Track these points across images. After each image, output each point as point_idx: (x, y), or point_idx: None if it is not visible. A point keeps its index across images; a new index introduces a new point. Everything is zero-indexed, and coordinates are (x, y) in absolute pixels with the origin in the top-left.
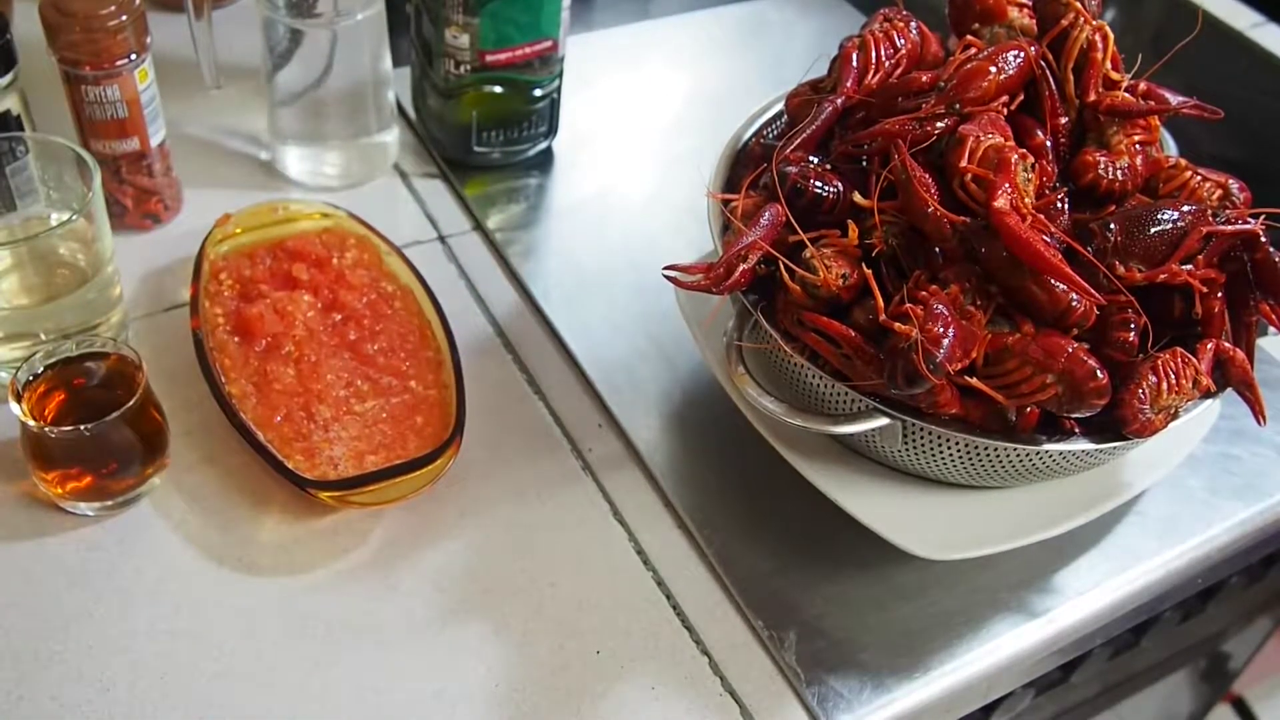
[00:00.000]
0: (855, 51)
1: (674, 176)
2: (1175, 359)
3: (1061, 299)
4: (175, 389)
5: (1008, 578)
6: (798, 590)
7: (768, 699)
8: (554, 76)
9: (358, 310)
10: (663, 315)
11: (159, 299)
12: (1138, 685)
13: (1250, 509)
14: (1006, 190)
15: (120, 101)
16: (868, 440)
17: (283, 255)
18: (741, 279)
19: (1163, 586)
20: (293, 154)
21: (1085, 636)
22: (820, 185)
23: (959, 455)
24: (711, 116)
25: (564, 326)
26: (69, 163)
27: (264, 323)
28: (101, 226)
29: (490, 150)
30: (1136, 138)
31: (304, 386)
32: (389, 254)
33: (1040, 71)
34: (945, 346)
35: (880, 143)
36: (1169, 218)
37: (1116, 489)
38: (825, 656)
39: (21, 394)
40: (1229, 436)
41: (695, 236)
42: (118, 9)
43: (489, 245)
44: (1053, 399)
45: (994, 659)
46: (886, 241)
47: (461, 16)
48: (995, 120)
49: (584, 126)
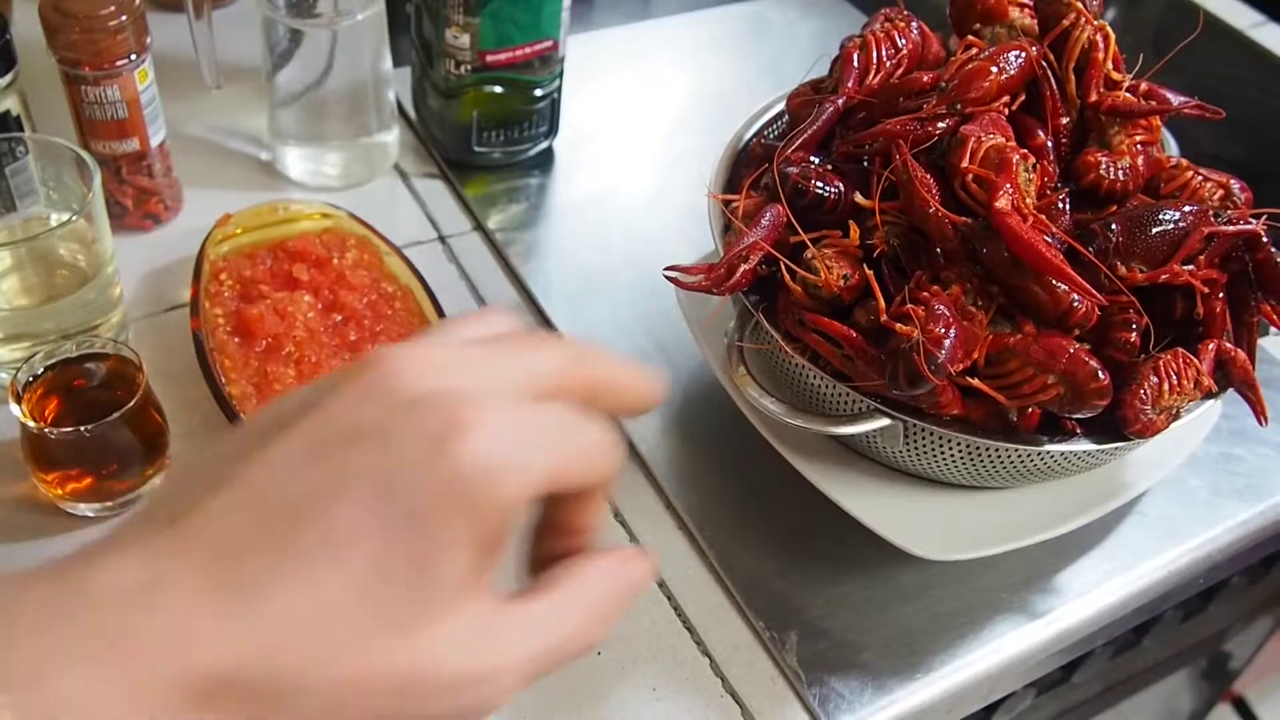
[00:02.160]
0: (856, 51)
1: (675, 176)
2: (1177, 359)
3: (1063, 299)
4: (175, 390)
5: (1009, 578)
6: (799, 591)
7: (769, 700)
8: (554, 76)
9: (358, 311)
10: (663, 315)
11: (159, 300)
12: (1139, 685)
13: (1251, 509)
14: (1008, 190)
15: (120, 102)
16: (869, 441)
17: (283, 256)
18: (742, 279)
19: (1164, 586)
20: (293, 154)
21: (1087, 636)
22: (821, 185)
23: (960, 456)
24: (712, 116)
25: (565, 326)
26: (69, 163)
27: (264, 323)
28: (101, 227)
29: (491, 150)
30: (1138, 138)
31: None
32: (389, 254)
33: (1041, 71)
34: (947, 347)
35: (881, 143)
36: (1170, 218)
37: (1118, 489)
38: (826, 657)
39: (21, 395)
40: (1230, 437)
41: (696, 237)
42: (117, 9)
43: (489, 245)
44: (1054, 399)
45: (995, 659)
46: (888, 242)
47: (462, 16)
48: (996, 120)
49: (585, 126)
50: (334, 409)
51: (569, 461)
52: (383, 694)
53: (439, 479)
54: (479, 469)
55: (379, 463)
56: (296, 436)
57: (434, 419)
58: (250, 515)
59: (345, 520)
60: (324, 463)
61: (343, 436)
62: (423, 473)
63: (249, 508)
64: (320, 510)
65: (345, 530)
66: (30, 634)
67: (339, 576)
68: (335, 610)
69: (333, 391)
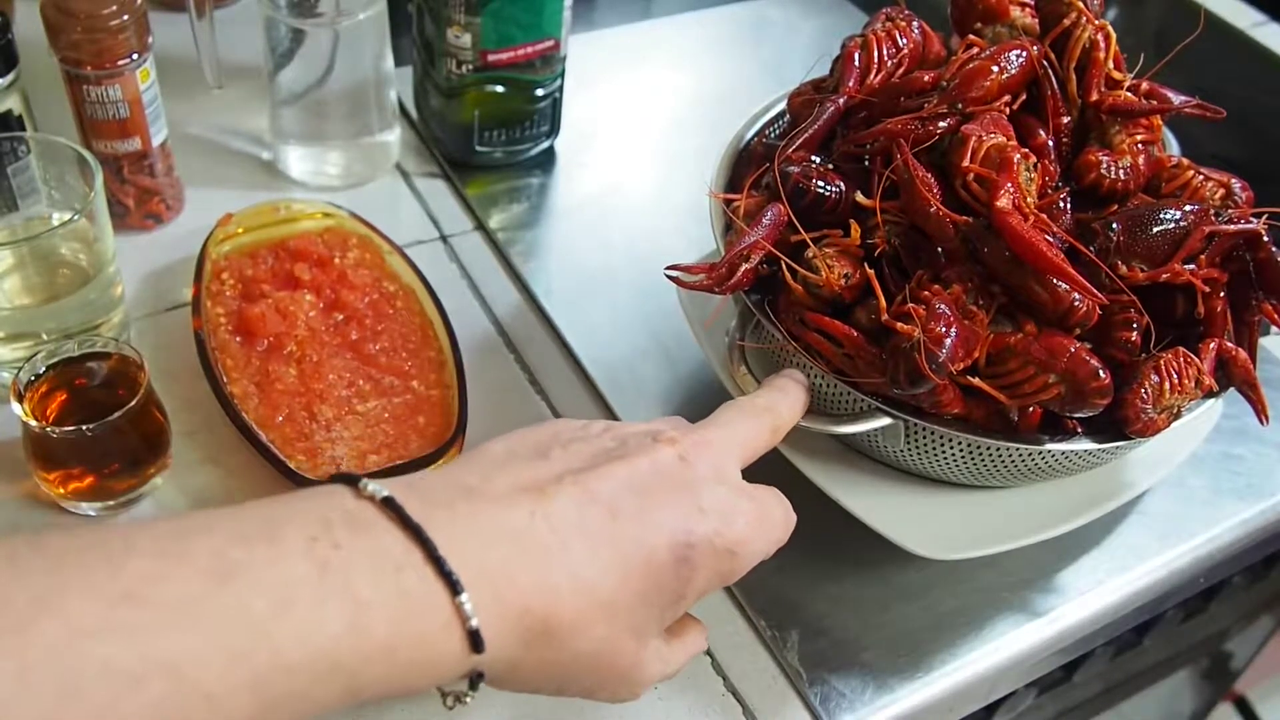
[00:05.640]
0: (857, 51)
1: (676, 176)
2: (1178, 358)
3: (1064, 298)
4: (177, 389)
5: (1010, 577)
6: (800, 590)
7: (770, 699)
8: (556, 76)
9: (359, 310)
10: (665, 315)
11: (161, 299)
12: (1140, 684)
13: (1252, 508)
14: (1009, 190)
15: (122, 101)
16: (870, 440)
17: (285, 255)
18: (744, 279)
19: (1165, 586)
20: (294, 154)
21: (1087, 636)
22: (822, 185)
23: (961, 455)
24: (713, 116)
25: (566, 326)
26: (71, 163)
27: (266, 322)
28: (103, 226)
29: (492, 150)
30: (1139, 137)
31: (306, 386)
32: (391, 254)
33: (1042, 71)
34: (947, 346)
35: (882, 142)
36: (1171, 217)
37: (1119, 488)
38: (827, 656)
39: (23, 394)
40: (1231, 436)
41: (697, 236)
42: (119, 9)
43: (491, 245)
44: (1055, 399)
45: (996, 658)
46: (889, 241)
47: (463, 16)
48: (997, 120)
49: (586, 126)
50: (649, 459)
51: (772, 549)
52: (606, 669)
53: (719, 551)
54: (744, 560)
55: (685, 515)
56: (629, 466)
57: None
58: (587, 509)
59: (650, 543)
60: (644, 497)
61: (660, 483)
62: (711, 541)
63: (586, 503)
64: (636, 527)
65: (648, 549)
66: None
67: (627, 580)
68: (613, 598)
69: (645, 442)
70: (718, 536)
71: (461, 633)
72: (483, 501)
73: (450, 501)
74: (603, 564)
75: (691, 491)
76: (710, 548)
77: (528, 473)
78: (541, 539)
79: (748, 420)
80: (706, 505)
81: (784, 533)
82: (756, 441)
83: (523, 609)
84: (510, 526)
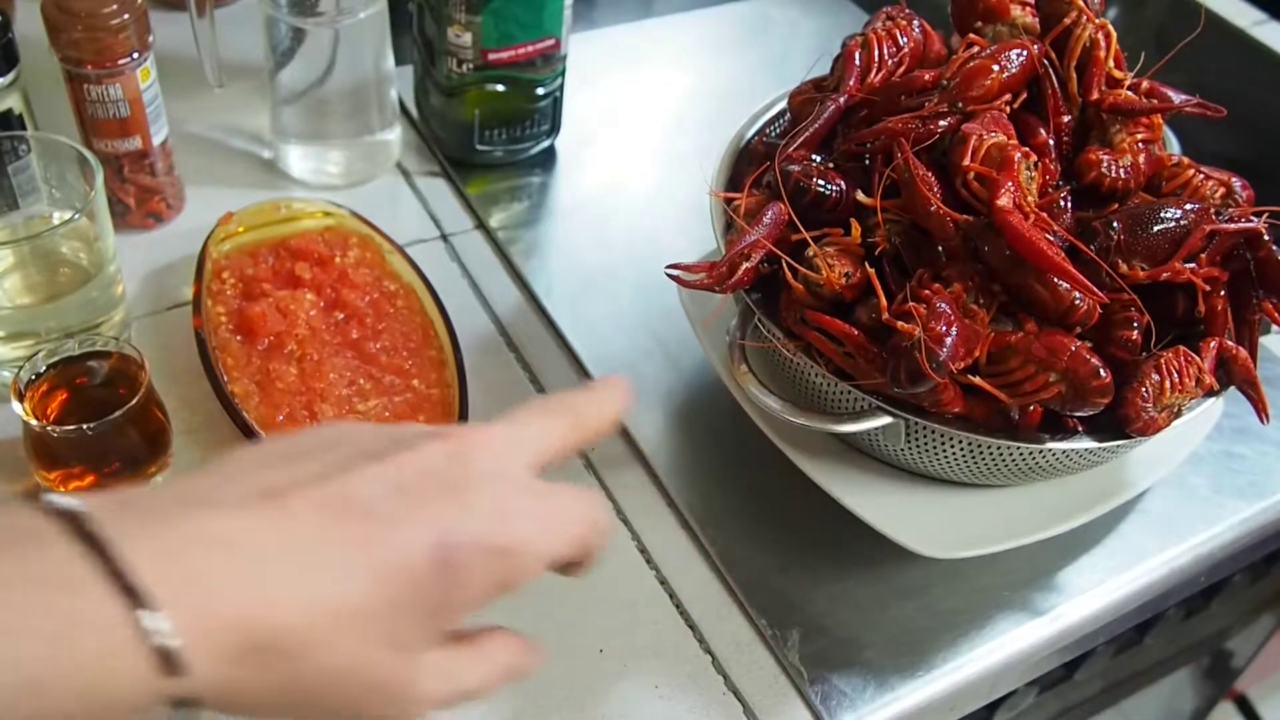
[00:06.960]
0: (858, 50)
1: (677, 175)
2: (1178, 357)
3: (1064, 297)
4: (178, 388)
5: (1011, 576)
6: (801, 589)
7: (771, 698)
8: (556, 75)
9: (360, 309)
10: (665, 313)
11: (161, 298)
12: (1141, 683)
13: (1253, 507)
14: (1009, 189)
15: (122, 100)
16: (870, 439)
17: (285, 254)
18: (744, 278)
19: (1166, 584)
20: (295, 152)
21: (1088, 634)
22: (823, 184)
23: (962, 454)
24: (714, 115)
25: (567, 325)
26: (71, 162)
27: (266, 321)
28: (104, 225)
29: (493, 149)
30: (1139, 136)
31: (306, 385)
32: (391, 253)
33: (1043, 70)
34: (948, 345)
35: (883, 141)
36: (1172, 216)
37: (1119, 487)
38: (828, 655)
39: (24, 393)
40: (1232, 435)
41: (698, 235)
42: (120, 7)
43: (491, 244)
44: (1056, 397)
45: (997, 657)
46: (889, 240)
47: (464, 15)
48: (998, 119)
49: (587, 125)
50: (416, 458)
51: (571, 550)
52: (362, 688)
53: (490, 552)
54: (525, 561)
55: (451, 514)
56: (392, 466)
57: (493, 499)
58: (335, 511)
59: (408, 546)
60: (405, 498)
61: (424, 483)
62: (479, 543)
63: (334, 507)
64: (391, 530)
65: (404, 553)
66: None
67: (378, 588)
68: (357, 608)
69: (416, 441)
70: (487, 537)
71: (145, 652)
72: (205, 509)
73: (164, 511)
74: (344, 571)
75: (459, 490)
76: (478, 549)
77: (270, 478)
78: (264, 548)
79: (542, 418)
80: (477, 504)
81: (585, 530)
82: (550, 438)
83: (230, 624)
84: (227, 536)
